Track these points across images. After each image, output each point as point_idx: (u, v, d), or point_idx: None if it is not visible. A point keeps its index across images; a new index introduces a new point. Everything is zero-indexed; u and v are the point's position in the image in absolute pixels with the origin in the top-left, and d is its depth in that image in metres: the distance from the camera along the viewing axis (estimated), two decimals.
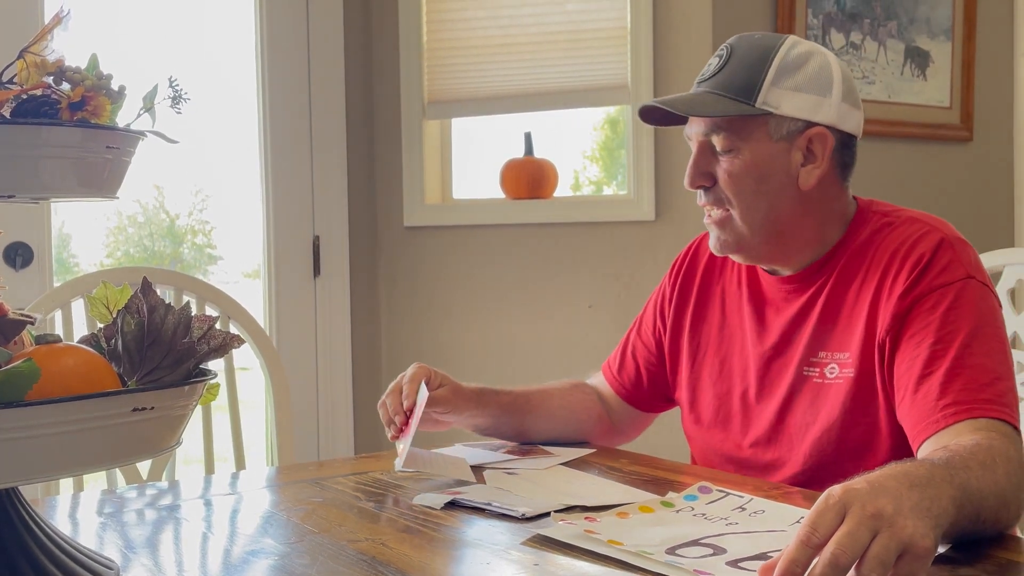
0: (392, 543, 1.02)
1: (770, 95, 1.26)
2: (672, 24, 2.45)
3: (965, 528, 0.93)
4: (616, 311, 2.50)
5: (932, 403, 1.14)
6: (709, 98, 1.27)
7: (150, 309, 0.86)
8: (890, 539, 0.80)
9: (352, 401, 2.72)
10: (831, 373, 1.27)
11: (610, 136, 3.05)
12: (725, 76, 1.28)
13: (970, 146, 2.90)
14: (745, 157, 1.27)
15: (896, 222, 1.28)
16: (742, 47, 1.29)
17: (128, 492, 1.31)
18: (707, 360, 1.41)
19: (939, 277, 1.20)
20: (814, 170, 1.28)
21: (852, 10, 2.62)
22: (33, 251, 2.31)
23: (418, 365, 1.38)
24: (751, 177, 1.27)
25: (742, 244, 1.30)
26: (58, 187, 0.82)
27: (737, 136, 1.27)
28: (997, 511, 0.97)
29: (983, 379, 1.13)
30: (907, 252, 1.23)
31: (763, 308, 1.36)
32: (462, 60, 2.65)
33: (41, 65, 0.81)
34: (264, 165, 2.65)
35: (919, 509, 0.83)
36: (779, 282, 1.34)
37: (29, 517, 0.86)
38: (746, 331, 1.37)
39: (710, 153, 1.29)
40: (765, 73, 1.26)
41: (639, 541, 0.98)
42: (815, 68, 1.27)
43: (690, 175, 1.30)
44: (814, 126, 1.27)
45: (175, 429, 0.87)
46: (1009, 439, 1.08)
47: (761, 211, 1.28)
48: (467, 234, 2.65)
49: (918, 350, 1.17)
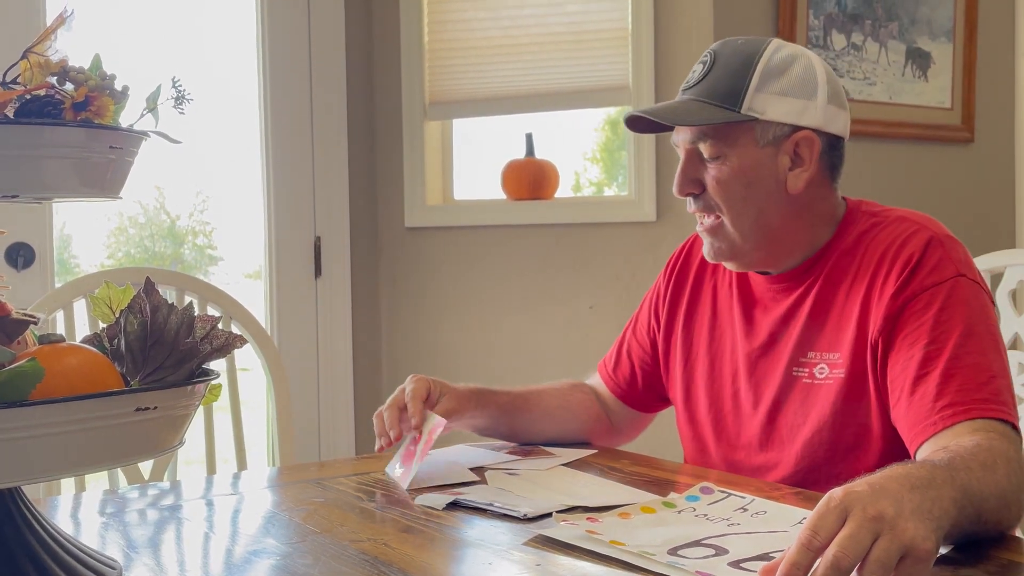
0: (394, 543, 1.02)
1: (755, 101, 1.25)
2: (673, 25, 2.45)
3: (966, 529, 0.93)
4: (617, 312, 2.50)
5: (929, 405, 1.13)
6: (694, 106, 1.27)
7: (153, 309, 0.86)
8: (891, 542, 0.80)
9: (353, 401, 2.72)
10: (820, 374, 1.27)
11: (611, 137, 3.05)
12: (709, 83, 1.27)
13: (971, 147, 2.90)
14: (732, 164, 1.27)
15: (884, 222, 1.28)
16: (725, 53, 1.29)
17: (130, 492, 1.31)
18: (699, 359, 1.42)
19: (929, 276, 1.20)
20: (802, 174, 1.28)
21: (853, 11, 2.62)
22: (35, 251, 2.32)
23: (416, 379, 1.36)
24: (739, 183, 1.27)
25: (735, 251, 1.31)
26: (61, 187, 0.82)
27: (723, 143, 1.27)
28: (999, 512, 0.97)
29: (979, 378, 1.13)
30: (897, 251, 1.23)
31: (751, 307, 1.36)
32: (463, 61, 2.65)
33: (45, 65, 0.82)
34: (265, 166, 2.65)
35: (920, 511, 0.83)
36: (768, 281, 1.34)
37: (32, 516, 0.86)
38: (735, 330, 1.37)
39: (698, 160, 1.29)
40: (749, 79, 1.26)
41: (641, 542, 0.98)
42: (799, 72, 1.27)
43: (678, 183, 1.31)
44: (800, 130, 1.27)
45: (178, 429, 0.87)
46: (1008, 439, 1.08)
47: (750, 216, 1.28)
48: (468, 235, 2.65)
49: (912, 351, 1.17)
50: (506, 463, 1.35)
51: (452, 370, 2.64)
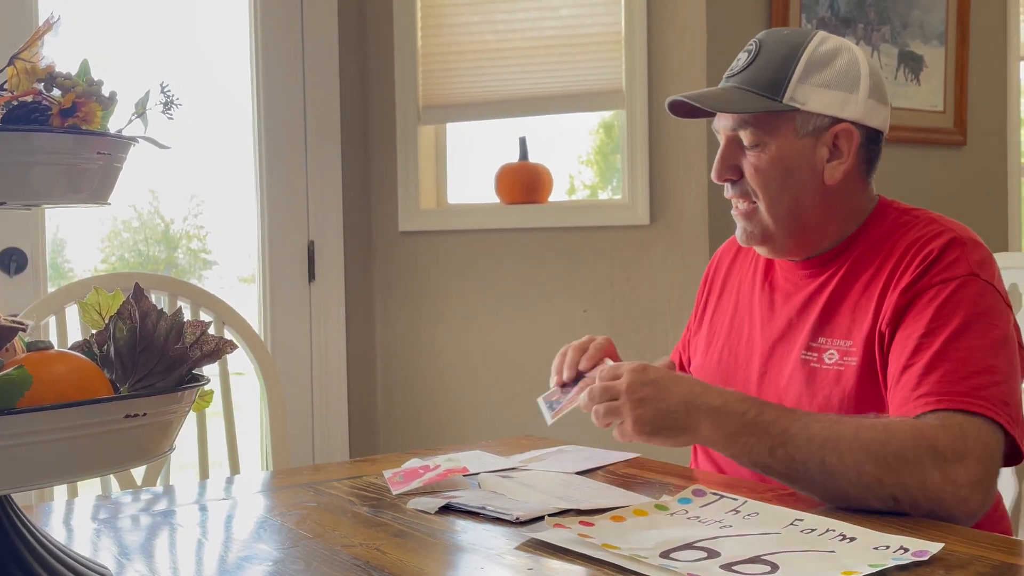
0: (387, 548, 1.02)
1: (798, 91, 1.27)
2: (666, 29, 2.45)
3: (789, 476, 1.13)
4: (611, 316, 2.50)
5: (908, 392, 1.15)
6: (737, 94, 1.29)
7: (142, 315, 0.86)
8: (621, 413, 1.18)
9: (347, 405, 2.71)
10: (829, 359, 1.28)
11: (605, 140, 3.05)
12: (753, 72, 1.29)
13: (963, 150, 2.91)
14: (772, 152, 1.29)
15: (915, 221, 1.30)
16: (770, 43, 1.31)
17: (123, 497, 1.31)
18: (719, 349, 1.44)
19: (941, 273, 1.21)
20: (839, 166, 1.30)
21: (846, 15, 2.62)
22: (27, 256, 2.31)
23: (607, 339, 1.40)
24: (777, 171, 1.29)
25: (767, 236, 1.33)
26: (49, 193, 0.82)
27: (764, 132, 1.29)
28: (859, 487, 1.08)
29: (963, 371, 1.13)
30: (918, 249, 1.24)
31: (773, 295, 1.39)
32: (457, 65, 2.65)
33: (32, 71, 0.81)
34: (259, 170, 2.65)
35: (670, 415, 1.16)
36: (793, 268, 1.36)
37: (22, 524, 0.86)
38: (756, 318, 1.40)
39: (737, 147, 1.32)
40: (793, 69, 1.28)
41: (633, 544, 0.98)
42: (843, 64, 1.29)
43: (717, 168, 1.33)
44: (841, 122, 1.29)
45: (168, 435, 0.86)
46: (960, 435, 1.08)
47: (785, 204, 1.30)
48: (462, 239, 2.65)
49: (907, 341, 1.19)
50: (508, 469, 1.33)
51: (446, 374, 2.64)
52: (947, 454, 1.07)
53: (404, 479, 1.28)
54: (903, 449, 1.08)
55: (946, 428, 1.09)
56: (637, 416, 1.17)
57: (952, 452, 1.08)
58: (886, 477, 1.07)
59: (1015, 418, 1.13)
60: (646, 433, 1.18)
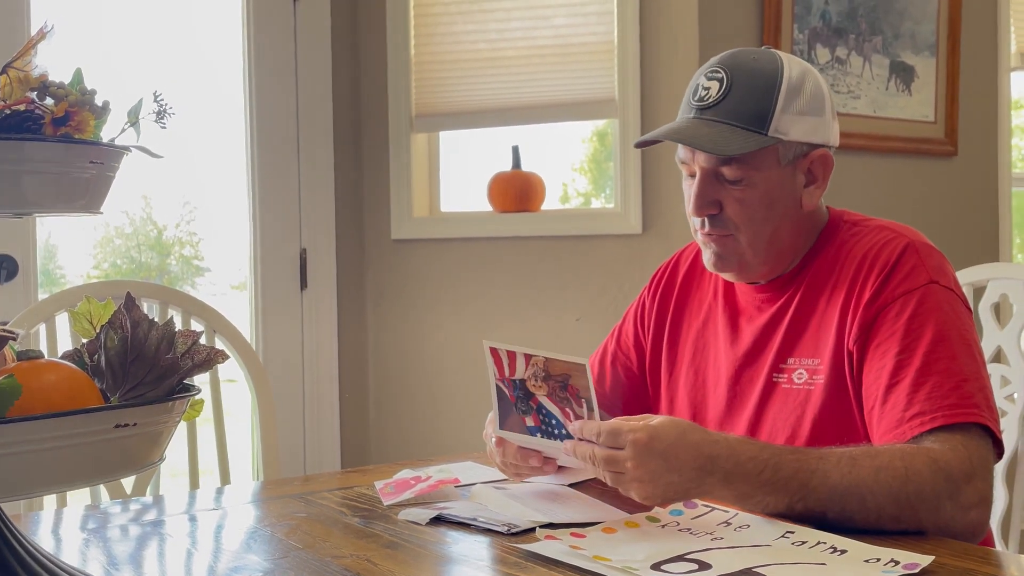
0: (377, 559, 1.02)
1: (780, 122, 1.25)
2: (658, 38, 2.46)
3: (819, 519, 1.07)
4: (604, 324, 2.50)
5: (899, 414, 1.15)
6: (725, 130, 1.24)
7: (133, 324, 0.86)
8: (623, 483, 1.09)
9: (339, 415, 2.71)
10: (799, 379, 1.27)
11: (598, 149, 3.06)
12: (732, 104, 1.25)
13: (955, 160, 2.92)
14: (758, 186, 1.26)
15: (864, 230, 1.29)
16: (741, 71, 1.26)
17: (112, 507, 1.30)
18: (683, 372, 1.42)
19: (901, 284, 1.21)
20: (815, 191, 1.30)
21: (837, 25, 2.63)
22: (18, 264, 2.30)
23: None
24: (762, 205, 1.27)
25: (743, 264, 1.30)
26: (41, 202, 0.82)
27: (750, 167, 1.26)
28: (878, 511, 1.07)
29: (949, 383, 1.14)
30: (873, 259, 1.24)
31: (737, 317, 1.37)
32: (450, 73, 2.65)
33: (24, 80, 0.81)
34: (251, 177, 2.65)
35: (680, 492, 1.09)
36: (754, 291, 1.35)
37: (10, 534, 0.85)
38: (720, 341, 1.38)
39: (716, 182, 1.27)
40: (775, 100, 1.25)
41: (624, 556, 0.98)
42: (812, 88, 1.28)
43: (696, 205, 1.28)
44: (816, 148, 1.28)
45: (158, 445, 0.86)
46: (958, 446, 1.09)
47: (767, 235, 1.28)
48: (455, 247, 2.65)
49: (884, 360, 1.18)
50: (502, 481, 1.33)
51: (439, 383, 2.64)
52: (959, 478, 1.08)
53: (395, 490, 1.27)
54: (922, 486, 1.07)
55: (954, 451, 1.10)
56: (647, 493, 1.09)
57: (962, 474, 1.09)
58: (904, 515, 1.07)
59: (997, 419, 1.16)
60: (655, 503, 1.12)
